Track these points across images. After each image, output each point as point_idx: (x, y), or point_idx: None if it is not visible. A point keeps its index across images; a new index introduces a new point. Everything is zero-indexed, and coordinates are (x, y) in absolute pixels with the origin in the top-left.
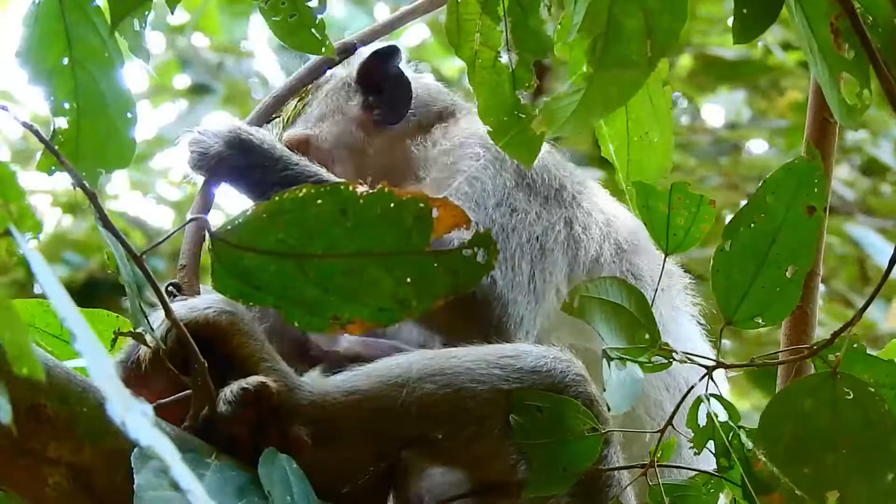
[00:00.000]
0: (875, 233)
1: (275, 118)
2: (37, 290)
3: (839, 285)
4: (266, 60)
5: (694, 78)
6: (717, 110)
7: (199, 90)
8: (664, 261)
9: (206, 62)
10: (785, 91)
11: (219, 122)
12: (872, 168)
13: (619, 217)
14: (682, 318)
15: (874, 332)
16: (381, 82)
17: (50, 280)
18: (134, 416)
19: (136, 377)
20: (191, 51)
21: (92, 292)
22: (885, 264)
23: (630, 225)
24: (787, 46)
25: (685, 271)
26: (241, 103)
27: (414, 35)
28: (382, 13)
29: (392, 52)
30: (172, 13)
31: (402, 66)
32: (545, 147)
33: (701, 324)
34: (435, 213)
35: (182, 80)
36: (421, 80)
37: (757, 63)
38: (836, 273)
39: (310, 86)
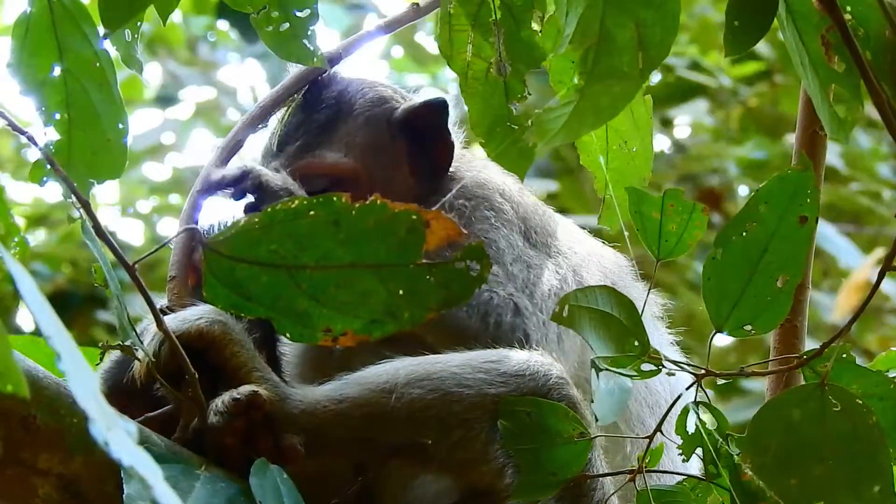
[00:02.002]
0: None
1: (261, 128)
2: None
3: None
4: (231, 72)
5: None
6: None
7: (165, 101)
8: (655, 267)
9: (171, 73)
10: (746, 101)
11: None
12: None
13: (605, 256)
14: (665, 348)
15: (817, 320)
16: (425, 133)
17: (35, 298)
18: (117, 435)
19: (115, 397)
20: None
21: (62, 304)
22: (849, 264)
23: (614, 259)
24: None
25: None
26: (209, 116)
27: (382, 48)
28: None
29: (443, 106)
30: (164, 24)
31: (449, 122)
32: (534, 199)
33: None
34: (428, 225)
35: (148, 91)
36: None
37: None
38: None
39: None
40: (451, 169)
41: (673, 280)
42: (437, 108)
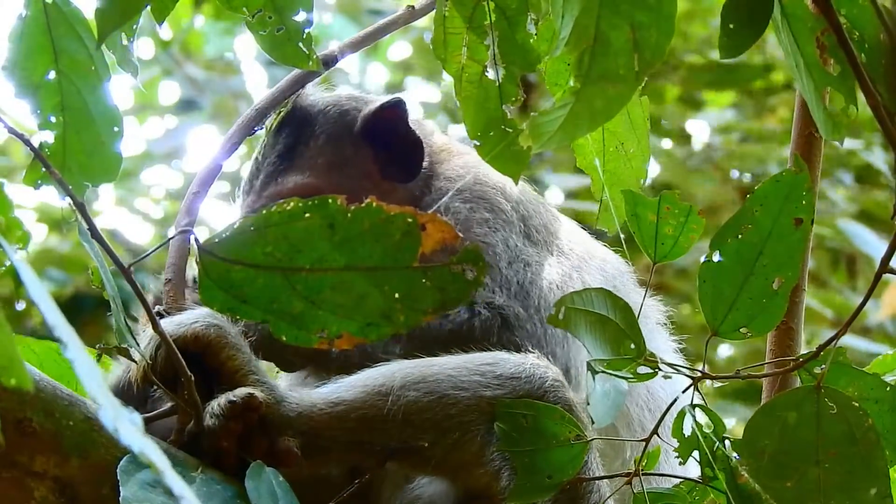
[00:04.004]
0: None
1: (256, 130)
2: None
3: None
4: (253, 76)
5: (686, 83)
6: (702, 126)
7: (185, 106)
8: (651, 270)
9: (191, 78)
10: (776, 108)
11: None
12: (865, 176)
13: (606, 259)
14: (668, 354)
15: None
16: (389, 137)
17: (39, 290)
18: (125, 424)
19: None
20: (176, 67)
21: (74, 309)
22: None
23: (615, 262)
24: (768, 68)
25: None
26: (227, 120)
27: (396, 51)
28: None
29: (400, 105)
30: (160, 25)
31: (410, 119)
32: (535, 195)
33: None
34: (423, 228)
35: (168, 96)
36: (423, 129)
37: (752, 67)
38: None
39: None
40: (446, 166)
41: (688, 288)
42: (392, 109)
